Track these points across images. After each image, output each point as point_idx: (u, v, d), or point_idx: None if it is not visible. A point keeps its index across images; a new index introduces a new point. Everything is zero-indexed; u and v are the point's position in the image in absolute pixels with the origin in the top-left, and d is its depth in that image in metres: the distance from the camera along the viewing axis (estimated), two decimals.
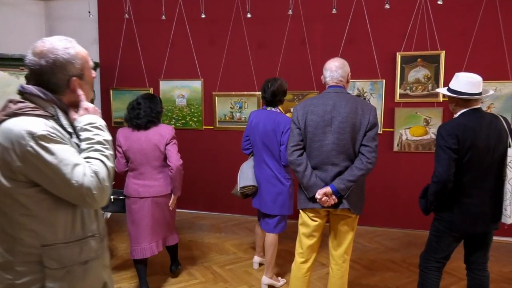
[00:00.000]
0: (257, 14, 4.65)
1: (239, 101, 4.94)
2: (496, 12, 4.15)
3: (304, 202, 2.56)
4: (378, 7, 4.28)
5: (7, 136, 1.26)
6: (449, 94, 2.44)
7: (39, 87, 1.36)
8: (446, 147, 2.31)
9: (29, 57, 1.36)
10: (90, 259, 1.45)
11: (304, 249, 2.64)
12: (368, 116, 2.40)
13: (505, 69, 4.19)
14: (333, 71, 2.50)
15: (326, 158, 2.43)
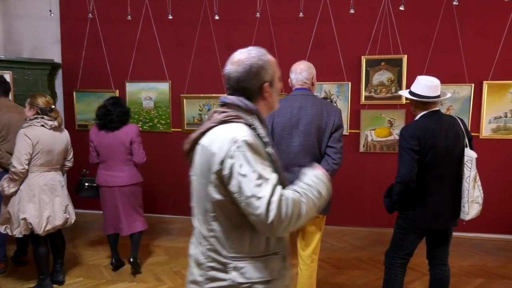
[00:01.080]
0: (225, 16, 4.65)
1: (208, 103, 4.91)
2: (453, 19, 4.36)
3: None
4: (343, 12, 4.39)
5: (213, 141, 1.33)
6: (410, 96, 2.55)
7: (239, 97, 1.43)
8: (408, 149, 2.39)
9: (228, 67, 1.45)
10: (273, 278, 1.40)
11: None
12: (333, 118, 2.45)
13: (462, 73, 4.40)
14: (298, 73, 2.54)
15: (293, 159, 2.46)
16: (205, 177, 1.36)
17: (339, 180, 4.69)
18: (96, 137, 3.46)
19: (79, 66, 5.09)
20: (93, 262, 3.84)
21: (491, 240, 4.47)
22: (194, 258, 1.47)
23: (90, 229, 4.70)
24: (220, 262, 1.38)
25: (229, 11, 4.72)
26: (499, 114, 4.42)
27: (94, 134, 3.47)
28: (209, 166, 1.33)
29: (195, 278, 1.44)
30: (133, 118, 5.05)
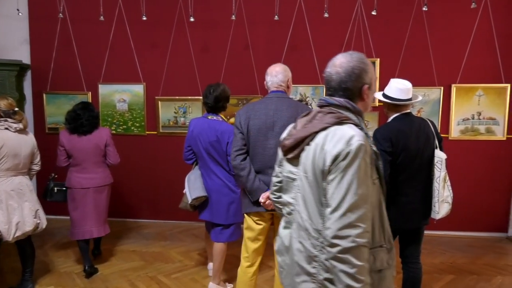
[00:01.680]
0: (200, 18, 4.63)
1: (183, 105, 4.87)
2: (423, 24, 4.50)
3: (248, 206, 2.57)
4: (318, 16, 4.46)
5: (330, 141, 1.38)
6: (383, 99, 2.62)
7: (345, 99, 1.48)
8: (381, 150, 2.44)
9: (329, 69, 1.52)
10: (384, 268, 1.48)
11: (250, 253, 2.66)
12: None
13: (432, 76, 4.55)
14: (274, 76, 2.55)
15: (269, 162, 2.46)
16: (320, 174, 1.41)
17: None
18: (68, 141, 3.50)
19: (49, 67, 4.94)
20: (64, 270, 3.73)
21: (461, 238, 4.62)
22: (303, 252, 1.49)
23: (60, 235, 4.55)
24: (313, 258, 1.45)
25: (205, 13, 4.70)
26: (467, 116, 4.59)
27: (65, 138, 3.51)
28: (324, 164, 1.39)
29: (308, 271, 1.47)
30: (107, 121, 4.94)
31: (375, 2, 4.29)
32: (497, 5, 4.42)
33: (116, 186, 5.00)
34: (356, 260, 1.30)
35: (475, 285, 3.51)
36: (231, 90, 3.38)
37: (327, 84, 1.54)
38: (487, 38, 4.49)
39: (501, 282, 3.54)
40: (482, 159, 4.62)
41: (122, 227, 4.88)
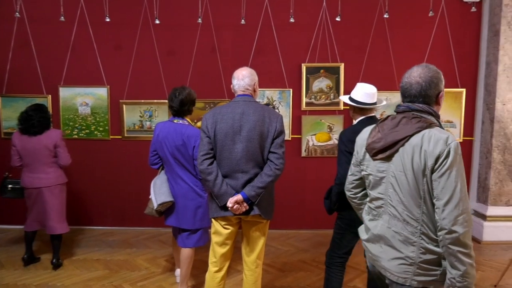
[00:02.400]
0: (166, 21, 4.56)
1: (149, 109, 4.77)
2: (385, 31, 4.66)
3: (215, 211, 2.55)
4: (284, 20, 4.51)
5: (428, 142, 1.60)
6: (349, 102, 2.71)
7: (426, 105, 1.71)
8: (346, 151, 2.52)
9: (408, 79, 1.76)
10: None
11: (218, 258, 2.64)
12: (275, 124, 2.49)
13: (393, 81, 4.71)
14: (241, 79, 2.55)
15: (236, 166, 2.46)
16: (421, 172, 1.62)
17: (282, 184, 4.80)
18: (19, 142, 3.62)
19: (5, 69, 4.70)
20: (22, 282, 3.54)
21: None
22: (398, 239, 1.71)
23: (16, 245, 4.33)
24: (429, 236, 1.65)
25: (170, 15, 4.64)
26: None
27: (17, 138, 3.64)
28: (425, 162, 1.60)
29: (407, 255, 1.68)
30: (68, 125, 4.77)
31: (339, 8, 4.40)
32: (452, 14, 4.66)
33: (79, 192, 4.84)
34: (469, 241, 1.57)
35: None
36: (198, 94, 3.36)
37: (406, 92, 1.76)
38: (444, 45, 4.71)
39: None
40: None
41: (85, 235, 4.70)
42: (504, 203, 4.68)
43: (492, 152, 4.62)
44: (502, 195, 4.66)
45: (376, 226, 1.81)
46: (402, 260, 1.70)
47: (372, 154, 1.80)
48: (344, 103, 2.82)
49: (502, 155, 4.61)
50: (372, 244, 1.85)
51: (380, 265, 1.79)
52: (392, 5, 4.55)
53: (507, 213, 4.66)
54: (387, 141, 1.72)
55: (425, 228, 1.65)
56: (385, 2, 4.54)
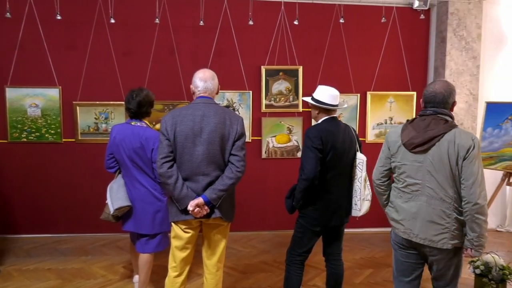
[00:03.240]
0: (121, 20, 4.44)
1: (104, 111, 4.61)
2: (341, 35, 4.81)
3: (176, 215, 2.51)
4: (243, 23, 4.53)
5: (459, 138, 2.13)
6: (317, 104, 2.76)
7: (447, 110, 2.26)
8: (313, 147, 2.59)
9: (432, 90, 2.26)
10: None
11: (178, 262, 2.59)
12: (236, 126, 2.49)
13: (350, 84, 4.87)
14: (202, 81, 2.53)
15: (197, 168, 2.44)
16: (455, 160, 2.13)
17: (243, 186, 4.79)
18: None
19: None
20: None
21: (378, 234, 4.99)
22: (436, 214, 2.20)
23: None
24: (458, 209, 2.18)
25: (126, 15, 4.52)
26: (381, 121, 5.00)
27: None
28: (458, 153, 2.11)
29: (443, 225, 2.18)
30: (16, 128, 4.50)
31: (297, 12, 4.49)
32: (403, 21, 4.89)
33: (29, 198, 4.59)
34: (486, 211, 2.11)
35: (390, 276, 3.80)
36: (157, 95, 3.29)
37: (432, 99, 2.25)
38: (396, 50, 4.94)
39: None
40: None
41: (36, 244, 4.45)
42: None
43: None
44: None
45: (413, 206, 2.26)
46: (441, 230, 2.18)
47: (411, 148, 2.23)
48: (309, 104, 2.85)
49: None
50: (409, 221, 2.28)
51: (420, 237, 2.24)
52: (347, 11, 4.71)
53: None
54: (424, 137, 2.19)
55: (456, 204, 2.17)
56: (340, 7, 4.68)
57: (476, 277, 3.49)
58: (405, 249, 2.38)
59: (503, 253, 4.31)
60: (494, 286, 3.33)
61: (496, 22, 5.04)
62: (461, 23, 4.76)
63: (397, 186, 2.37)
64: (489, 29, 4.98)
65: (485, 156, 3.72)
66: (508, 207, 5.18)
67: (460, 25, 4.77)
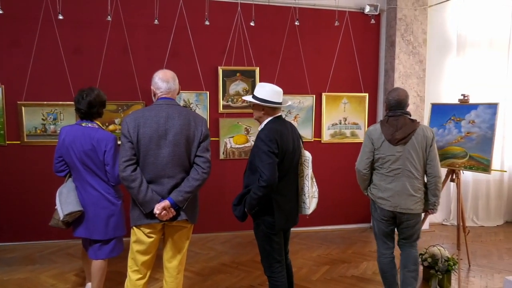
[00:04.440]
0: (70, 16, 4.24)
1: (53, 111, 4.37)
2: (296, 37, 4.90)
3: (139, 219, 2.42)
4: (199, 23, 4.49)
5: (426, 132, 2.89)
6: (262, 103, 2.58)
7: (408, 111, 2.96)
8: (270, 152, 2.44)
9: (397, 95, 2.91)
10: None
11: (139, 266, 2.52)
12: (201, 127, 2.46)
13: (305, 85, 4.98)
14: (165, 82, 2.47)
15: (162, 171, 2.38)
16: (425, 148, 2.88)
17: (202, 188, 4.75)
18: None
19: None
20: None
21: (333, 231, 5.13)
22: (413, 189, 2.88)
23: None
24: (424, 184, 2.94)
25: (76, 11, 4.32)
26: (335, 121, 5.14)
27: None
28: (426, 142, 2.87)
29: (416, 196, 2.89)
30: None
31: (253, 13, 4.51)
32: (355, 25, 5.07)
33: None
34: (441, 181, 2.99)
35: (346, 272, 3.93)
36: (110, 95, 3.17)
37: (398, 104, 2.90)
38: (349, 53, 5.11)
39: (366, 266, 4.04)
40: (348, 159, 5.17)
41: None
42: None
43: None
44: None
45: (397, 185, 2.88)
46: (416, 200, 2.90)
47: (395, 143, 2.85)
48: (251, 104, 2.69)
49: None
50: (393, 197, 2.90)
51: (401, 207, 2.89)
52: (302, 13, 4.81)
53: None
54: (405, 133, 2.84)
55: (423, 180, 2.92)
56: (296, 10, 4.77)
57: (424, 269, 3.69)
58: (386, 220, 3.00)
59: (448, 245, 4.58)
60: (440, 276, 3.53)
61: (440, 28, 5.37)
62: (408, 29, 5.02)
63: (381, 172, 2.94)
64: (434, 35, 5.29)
65: None
66: (452, 202, 5.53)
67: (408, 30, 5.02)
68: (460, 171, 3.71)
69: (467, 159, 3.64)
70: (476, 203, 5.63)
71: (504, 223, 5.73)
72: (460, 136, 3.72)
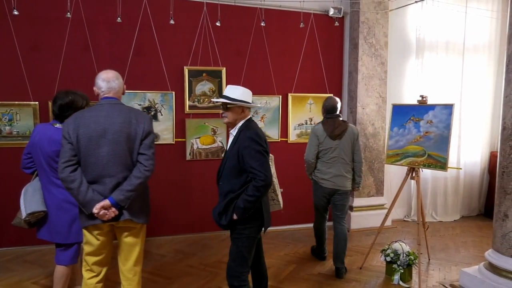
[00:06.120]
0: (27, 12, 4.05)
1: (8, 112, 4.15)
2: (262, 38, 4.92)
3: (85, 220, 2.39)
4: (164, 21, 4.41)
5: (353, 129, 3.84)
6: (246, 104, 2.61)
7: (341, 114, 3.99)
8: (264, 151, 2.50)
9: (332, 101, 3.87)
10: None
11: (91, 265, 2.48)
12: (143, 125, 2.43)
13: (272, 86, 5.01)
14: (106, 82, 2.45)
15: (103, 170, 2.34)
16: (353, 141, 3.78)
17: (167, 190, 4.68)
18: None
19: None
20: None
21: (300, 230, 5.20)
22: (345, 171, 3.78)
23: None
24: (351, 167, 3.83)
25: (33, 7, 4.13)
26: (301, 122, 5.22)
27: None
28: (354, 138, 3.78)
29: (347, 177, 3.79)
30: None
31: (219, 13, 4.49)
32: (320, 26, 5.17)
33: None
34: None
35: (312, 270, 3.99)
36: None
37: (333, 109, 3.81)
38: (314, 54, 5.20)
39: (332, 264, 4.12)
40: None
41: None
42: (366, 195, 5.37)
43: None
44: (364, 187, 5.34)
45: (335, 169, 3.76)
46: (348, 180, 3.81)
47: (334, 138, 3.72)
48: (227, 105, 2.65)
49: (363, 152, 5.28)
50: (334, 177, 3.76)
51: (337, 185, 3.76)
52: (268, 14, 4.84)
53: (368, 203, 5.36)
54: (340, 130, 3.75)
55: (352, 165, 3.84)
56: (262, 11, 4.80)
57: (387, 264, 3.81)
58: (325, 196, 3.86)
59: (409, 240, 4.76)
60: (402, 271, 3.66)
61: (400, 31, 5.57)
62: (371, 32, 5.18)
63: (323, 160, 3.80)
64: (395, 38, 5.48)
65: (391, 153, 4.08)
66: (413, 199, 5.76)
67: (370, 33, 5.17)
68: (420, 169, 3.86)
69: (426, 157, 3.80)
70: (435, 200, 5.89)
71: (461, 218, 6.03)
72: (419, 136, 3.88)
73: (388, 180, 5.56)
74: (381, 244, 4.31)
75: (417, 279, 3.63)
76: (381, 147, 5.34)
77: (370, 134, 5.30)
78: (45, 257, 4.11)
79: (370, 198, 5.39)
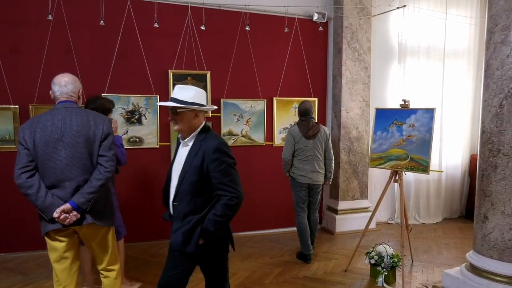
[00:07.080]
0: (7, 14, 3.98)
1: None
2: (247, 43, 4.93)
3: (46, 226, 2.34)
4: (148, 25, 4.38)
5: (326, 130, 4.32)
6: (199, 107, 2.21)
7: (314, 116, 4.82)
8: (234, 164, 2.22)
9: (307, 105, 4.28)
10: None
11: (59, 275, 2.42)
12: (101, 126, 2.41)
13: (257, 90, 5.02)
14: (63, 86, 2.43)
15: (62, 174, 2.31)
16: (325, 141, 4.24)
17: (151, 194, 4.62)
18: None
19: None
20: None
21: (285, 233, 5.20)
22: (318, 166, 4.21)
23: None
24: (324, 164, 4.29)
25: (13, 9, 4.05)
26: (286, 125, 5.24)
27: None
28: (326, 138, 4.26)
29: (320, 172, 4.23)
30: None
31: (203, 17, 4.49)
32: (304, 31, 5.21)
33: None
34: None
35: (298, 273, 4.00)
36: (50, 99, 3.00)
37: (306, 111, 4.19)
38: (298, 59, 5.24)
39: (317, 267, 4.14)
40: None
41: None
42: (350, 198, 5.41)
43: (340, 154, 5.31)
44: (349, 190, 5.38)
45: (310, 166, 4.15)
46: (321, 175, 4.25)
47: (308, 138, 4.11)
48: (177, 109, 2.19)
49: (347, 156, 5.34)
50: (310, 173, 4.15)
51: (313, 180, 4.18)
52: (253, 19, 4.86)
53: (353, 206, 5.40)
54: (314, 131, 4.14)
55: (324, 162, 4.23)
56: (246, 15, 4.81)
57: (371, 266, 3.84)
58: (303, 190, 4.24)
59: (393, 243, 4.82)
60: (386, 273, 3.70)
61: (383, 36, 5.66)
62: (354, 37, 5.25)
63: (299, 158, 4.18)
64: (378, 43, 5.57)
65: (375, 156, 4.13)
66: (396, 201, 5.83)
67: (353, 38, 5.24)
68: (402, 172, 3.92)
69: (408, 160, 3.86)
70: (418, 202, 5.98)
71: (443, 220, 6.14)
72: (402, 139, 3.94)
73: (372, 183, 5.63)
74: (366, 246, 4.35)
75: (401, 281, 3.67)
76: (365, 150, 5.40)
77: (354, 138, 5.36)
78: (26, 264, 4.01)
79: (355, 201, 5.44)
